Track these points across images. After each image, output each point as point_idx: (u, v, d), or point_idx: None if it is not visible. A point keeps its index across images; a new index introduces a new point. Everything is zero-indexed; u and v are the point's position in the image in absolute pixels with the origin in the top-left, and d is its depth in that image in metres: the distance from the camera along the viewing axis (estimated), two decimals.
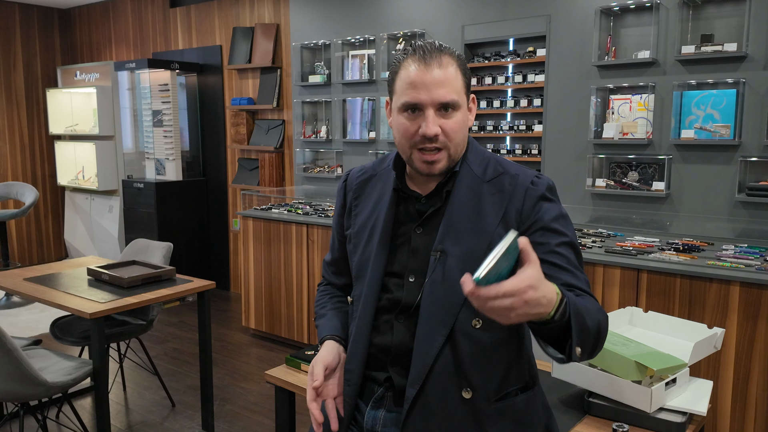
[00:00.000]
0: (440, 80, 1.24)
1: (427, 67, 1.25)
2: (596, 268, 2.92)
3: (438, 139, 1.26)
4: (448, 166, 1.30)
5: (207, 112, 5.85)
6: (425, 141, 1.26)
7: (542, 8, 3.68)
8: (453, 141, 1.28)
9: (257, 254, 4.42)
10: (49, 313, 4.69)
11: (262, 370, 3.92)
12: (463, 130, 1.30)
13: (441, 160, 1.28)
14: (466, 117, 1.31)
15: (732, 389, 2.61)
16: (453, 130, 1.27)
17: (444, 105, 1.25)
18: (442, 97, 1.24)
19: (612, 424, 1.45)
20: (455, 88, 1.26)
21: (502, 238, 1.00)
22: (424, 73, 1.24)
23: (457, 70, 1.27)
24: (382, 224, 1.37)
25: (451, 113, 1.26)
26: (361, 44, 4.59)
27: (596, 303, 1.22)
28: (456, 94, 1.26)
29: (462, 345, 1.26)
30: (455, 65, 1.27)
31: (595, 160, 3.57)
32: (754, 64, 3.05)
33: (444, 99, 1.24)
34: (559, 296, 1.06)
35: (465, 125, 1.30)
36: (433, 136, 1.25)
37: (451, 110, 1.26)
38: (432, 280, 1.27)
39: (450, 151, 1.28)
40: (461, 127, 1.29)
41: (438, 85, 1.24)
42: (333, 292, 1.57)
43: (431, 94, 1.24)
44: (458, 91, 1.26)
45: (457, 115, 1.27)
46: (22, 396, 2.48)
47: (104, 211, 6.53)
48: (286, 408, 1.89)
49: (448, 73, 1.25)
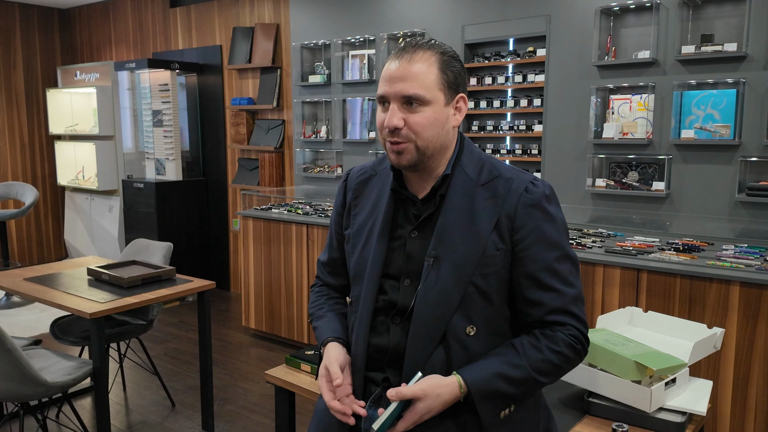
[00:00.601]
0: (405, 74, 1.25)
1: (399, 61, 1.26)
2: (596, 268, 2.92)
3: (400, 133, 1.26)
4: (420, 161, 1.29)
5: (207, 112, 5.85)
6: (390, 134, 1.27)
7: (542, 8, 3.68)
8: (419, 135, 1.26)
9: (257, 254, 4.42)
10: (49, 313, 4.70)
11: (262, 370, 3.92)
12: (434, 126, 1.27)
13: (406, 152, 1.27)
14: (441, 114, 1.28)
15: (732, 389, 2.61)
16: (418, 124, 1.25)
17: (407, 99, 1.25)
18: (404, 90, 1.24)
19: (612, 424, 1.45)
20: (423, 83, 1.25)
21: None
22: (394, 67, 1.26)
23: (432, 66, 1.26)
24: (380, 225, 1.36)
25: (417, 107, 1.25)
26: (361, 44, 4.59)
27: (549, 349, 1.25)
28: (422, 89, 1.24)
29: (455, 351, 1.26)
30: (433, 61, 1.26)
31: (595, 160, 3.57)
32: (754, 64, 3.05)
33: (406, 92, 1.24)
34: (464, 391, 1.22)
35: (438, 122, 1.27)
36: (393, 129, 1.26)
37: (416, 105, 1.25)
38: (425, 286, 1.27)
39: (417, 144, 1.27)
40: (430, 123, 1.26)
41: (402, 79, 1.25)
42: (329, 293, 1.55)
43: (395, 87, 1.25)
44: (427, 86, 1.25)
45: (426, 110, 1.26)
46: (22, 396, 2.48)
47: (104, 211, 6.53)
48: (286, 408, 1.89)
49: (417, 67, 1.25)
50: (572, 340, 1.26)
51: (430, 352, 1.26)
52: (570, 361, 1.27)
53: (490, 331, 1.29)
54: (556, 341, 1.25)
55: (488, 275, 1.26)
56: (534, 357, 1.24)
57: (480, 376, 1.22)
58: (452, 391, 1.21)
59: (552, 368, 1.25)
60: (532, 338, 1.27)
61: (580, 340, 1.27)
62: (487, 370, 1.23)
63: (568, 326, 1.26)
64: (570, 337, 1.26)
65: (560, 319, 1.26)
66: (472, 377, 1.22)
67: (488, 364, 1.24)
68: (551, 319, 1.26)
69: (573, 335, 1.26)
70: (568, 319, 1.26)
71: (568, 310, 1.26)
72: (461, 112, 1.32)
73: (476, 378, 1.22)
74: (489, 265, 1.26)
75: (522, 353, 1.25)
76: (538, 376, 1.24)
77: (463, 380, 1.22)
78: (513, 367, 1.23)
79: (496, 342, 1.29)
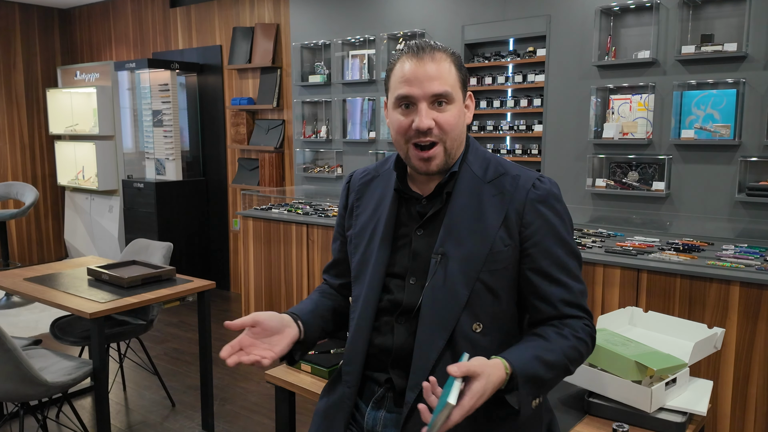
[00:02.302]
0: (432, 74, 1.25)
1: (420, 61, 1.26)
2: (596, 268, 2.92)
3: (432, 133, 1.26)
4: (446, 163, 1.29)
5: (207, 112, 5.85)
6: (419, 135, 1.26)
7: (542, 8, 3.68)
8: (449, 135, 1.27)
9: (257, 254, 4.42)
10: (49, 313, 4.69)
11: (262, 370, 3.92)
12: (459, 125, 1.29)
13: (437, 156, 1.28)
14: (461, 113, 1.30)
15: (732, 389, 2.61)
16: (448, 123, 1.26)
17: (437, 97, 1.25)
18: (435, 89, 1.24)
19: (612, 424, 1.45)
20: (448, 81, 1.26)
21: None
22: (416, 67, 1.25)
23: (451, 65, 1.27)
24: (383, 225, 1.36)
25: (445, 107, 1.26)
26: (361, 44, 4.59)
27: (573, 336, 1.24)
28: (449, 86, 1.26)
29: (462, 348, 1.25)
30: (449, 61, 1.27)
31: (595, 160, 3.57)
32: (754, 64, 3.05)
33: (436, 91, 1.25)
34: (508, 374, 1.15)
35: (461, 121, 1.29)
36: (427, 129, 1.25)
37: (444, 103, 1.26)
38: (433, 284, 1.27)
39: (446, 145, 1.27)
40: (457, 122, 1.28)
41: (430, 78, 1.25)
42: (324, 287, 1.56)
43: (423, 87, 1.25)
44: (452, 84, 1.26)
45: (452, 108, 1.27)
46: (22, 396, 2.48)
47: (104, 211, 6.53)
48: (286, 408, 1.89)
49: (441, 67, 1.26)
50: (590, 329, 1.27)
51: (439, 350, 1.25)
52: (589, 351, 1.28)
53: (497, 328, 1.29)
54: (577, 330, 1.25)
55: (496, 272, 1.26)
56: (563, 343, 1.23)
57: (522, 357, 1.18)
58: (499, 373, 1.13)
59: (577, 355, 1.24)
60: (554, 328, 1.26)
61: (591, 333, 1.28)
62: (527, 352, 1.20)
63: (584, 319, 1.28)
64: (588, 327, 1.27)
65: (574, 312, 1.27)
66: (515, 358, 1.17)
67: (525, 348, 1.22)
68: (566, 313, 1.26)
69: (589, 326, 1.28)
70: (581, 312, 1.27)
71: (580, 304, 1.28)
72: (470, 110, 1.34)
73: (519, 359, 1.17)
74: (497, 261, 1.26)
75: (551, 340, 1.23)
76: (569, 363, 1.23)
77: (507, 361, 1.15)
78: (548, 351, 1.21)
79: (503, 339, 1.29)
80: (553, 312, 1.27)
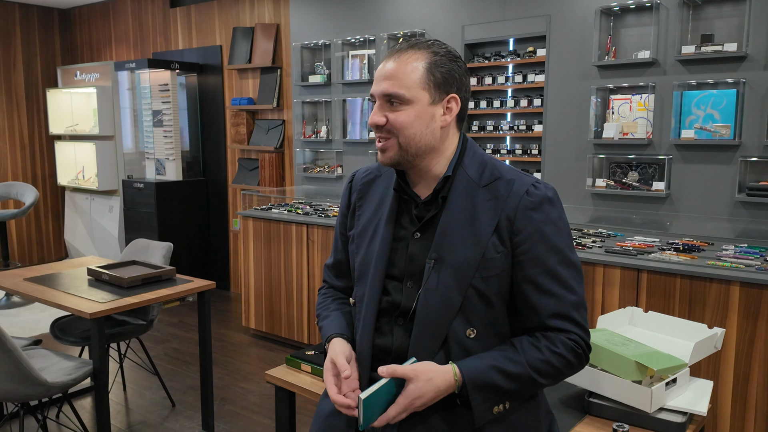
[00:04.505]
0: (388, 73, 1.27)
1: (386, 61, 1.30)
2: (596, 268, 2.92)
3: (383, 129, 1.29)
4: (403, 159, 1.30)
5: (207, 112, 5.85)
6: (375, 130, 1.31)
7: (542, 8, 3.68)
8: (400, 133, 1.28)
9: (257, 254, 4.42)
10: (49, 313, 4.69)
11: (262, 370, 3.92)
12: (416, 125, 1.27)
13: (389, 149, 1.30)
14: (424, 113, 1.27)
15: (732, 389, 2.61)
16: (398, 121, 1.27)
17: (387, 97, 1.27)
18: (384, 90, 1.27)
19: (612, 424, 1.45)
20: (404, 82, 1.26)
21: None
22: (381, 66, 1.30)
23: (419, 65, 1.26)
24: (383, 225, 1.36)
25: (398, 106, 1.27)
26: (361, 44, 4.59)
27: (548, 350, 1.23)
28: (403, 88, 1.26)
29: (456, 354, 1.25)
30: (421, 61, 1.26)
31: (595, 160, 3.57)
32: (754, 64, 3.05)
33: (386, 91, 1.27)
34: (459, 381, 1.21)
35: (420, 121, 1.27)
36: (374, 126, 1.30)
37: (397, 104, 1.27)
38: (426, 288, 1.27)
39: (399, 141, 1.28)
40: (411, 121, 1.27)
41: (385, 78, 1.28)
42: (335, 294, 1.55)
43: (378, 86, 1.29)
44: (408, 85, 1.26)
45: (407, 109, 1.27)
46: (22, 396, 2.48)
47: (104, 211, 6.53)
48: (286, 408, 1.88)
49: (402, 67, 1.26)
50: (573, 344, 1.24)
51: (433, 354, 1.26)
52: (570, 365, 1.26)
53: (490, 334, 1.28)
54: (556, 343, 1.24)
55: (489, 278, 1.25)
56: (532, 355, 1.23)
57: (476, 366, 1.22)
58: (446, 378, 1.21)
59: (550, 369, 1.24)
60: (533, 338, 1.26)
61: (581, 346, 1.25)
62: (484, 362, 1.23)
63: (570, 332, 1.25)
64: (571, 341, 1.24)
65: (561, 324, 1.24)
66: (468, 367, 1.22)
67: (485, 357, 1.24)
68: (552, 325, 1.25)
69: (574, 340, 1.25)
70: (569, 325, 1.25)
71: (569, 316, 1.25)
72: (452, 112, 1.31)
73: (472, 368, 1.22)
74: (489, 267, 1.25)
75: (521, 350, 1.24)
76: (536, 375, 1.23)
77: (459, 369, 1.22)
78: (510, 361, 1.23)
79: (496, 345, 1.29)
80: (537, 322, 1.26)
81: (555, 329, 1.25)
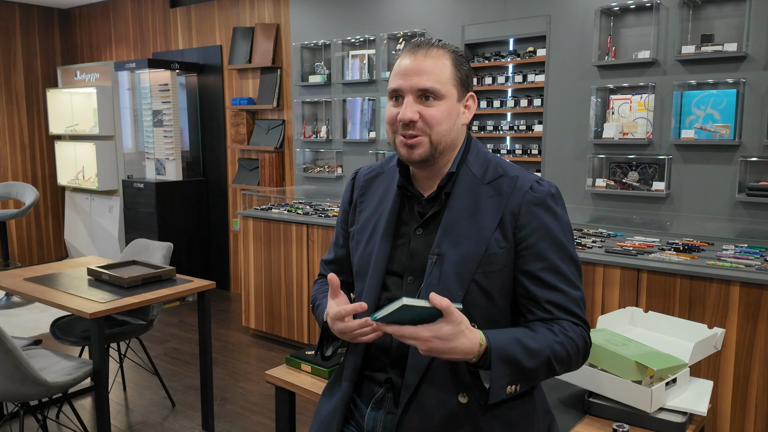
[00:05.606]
0: (422, 68, 1.26)
1: (414, 56, 1.28)
2: (596, 268, 2.92)
3: (415, 126, 1.26)
4: (431, 156, 1.29)
5: (207, 112, 5.85)
6: (405, 128, 1.27)
7: (542, 8, 3.68)
8: (433, 129, 1.27)
9: (257, 254, 4.42)
10: (49, 313, 4.70)
11: (262, 370, 3.92)
12: (447, 122, 1.28)
13: (420, 145, 1.27)
14: (454, 110, 1.29)
15: (732, 389, 2.61)
16: (432, 117, 1.26)
17: (423, 92, 1.26)
18: (420, 84, 1.26)
19: (612, 424, 1.45)
20: (438, 77, 1.26)
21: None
22: (410, 62, 1.28)
23: (447, 62, 1.28)
24: (385, 222, 1.37)
25: (432, 102, 1.26)
26: (361, 44, 4.59)
27: (562, 333, 1.22)
28: (438, 83, 1.26)
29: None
30: (447, 58, 1.28)
31: (595, 160, 3.57)
32: (754, 64, 3.05)
33: (422, 85, 1.25)
34: (483, 347, 1.14)
35: (451, 117, 1.28)
36: (408, 121, 1.26)
37: (432, 99, 1.26)
38: (428, 284, 1.27)
39: (431, 138, 1.27)
40: (444, 117, 1.27)
41: (418, 73, 1.26)
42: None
43: (410, 81, 1.26)
44: (442, 81, 1.26)
45: (440, 104, 1.27)
46: (22, 396, 2.48)
47: (104, 211, 6.53)
48: (286, 408, 1.89)
49: (434, 63, 1.27)
50: (581, 331, 1.25)
51: None
52: (579, 354, 1.25)
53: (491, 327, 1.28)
54: (567, 329, 1.24)
55: (491, 273, 1.25)
56: (550, 337, 1.22)
57: (501, 337, 1.18)
58: (473, 340, 1.13)
59: (564, 353, 1.22)
60: (544, 324, 1.25)
61: (585, 338, 1.27)
62: (508, 334, 1.20)
63: (578, 324, 1.26)
64: (582, 330, 1.26)
65: (567, 317, 1.25)
66: (493, 335, 1.17)
67: (507, 330, 1.22)
68: (559, 316, 1.25)
69: (583, 330, 1.26)
70: (573, 318, 1.26)
71: (573, 311, 1.25)
72: (470, 110, 1.34)
73: (498, 337, 1.17)
74: (492, 263, 1.25)
75: (537, 331, 1.23)
76: (552, 357, 1.20)
77: (485, 336, 1.15)
78: (531, 338, 1.20)
79: None
80: (544, 315, 1.26)
81: (564, 320, 1.25)
